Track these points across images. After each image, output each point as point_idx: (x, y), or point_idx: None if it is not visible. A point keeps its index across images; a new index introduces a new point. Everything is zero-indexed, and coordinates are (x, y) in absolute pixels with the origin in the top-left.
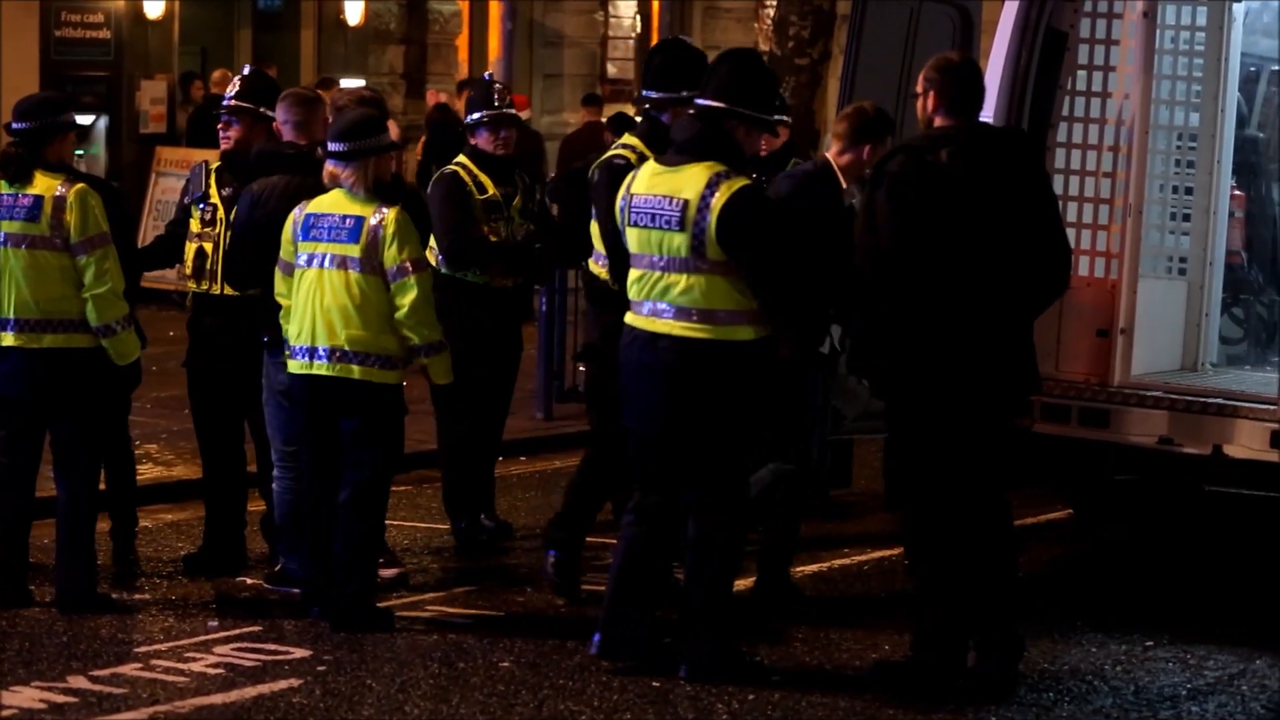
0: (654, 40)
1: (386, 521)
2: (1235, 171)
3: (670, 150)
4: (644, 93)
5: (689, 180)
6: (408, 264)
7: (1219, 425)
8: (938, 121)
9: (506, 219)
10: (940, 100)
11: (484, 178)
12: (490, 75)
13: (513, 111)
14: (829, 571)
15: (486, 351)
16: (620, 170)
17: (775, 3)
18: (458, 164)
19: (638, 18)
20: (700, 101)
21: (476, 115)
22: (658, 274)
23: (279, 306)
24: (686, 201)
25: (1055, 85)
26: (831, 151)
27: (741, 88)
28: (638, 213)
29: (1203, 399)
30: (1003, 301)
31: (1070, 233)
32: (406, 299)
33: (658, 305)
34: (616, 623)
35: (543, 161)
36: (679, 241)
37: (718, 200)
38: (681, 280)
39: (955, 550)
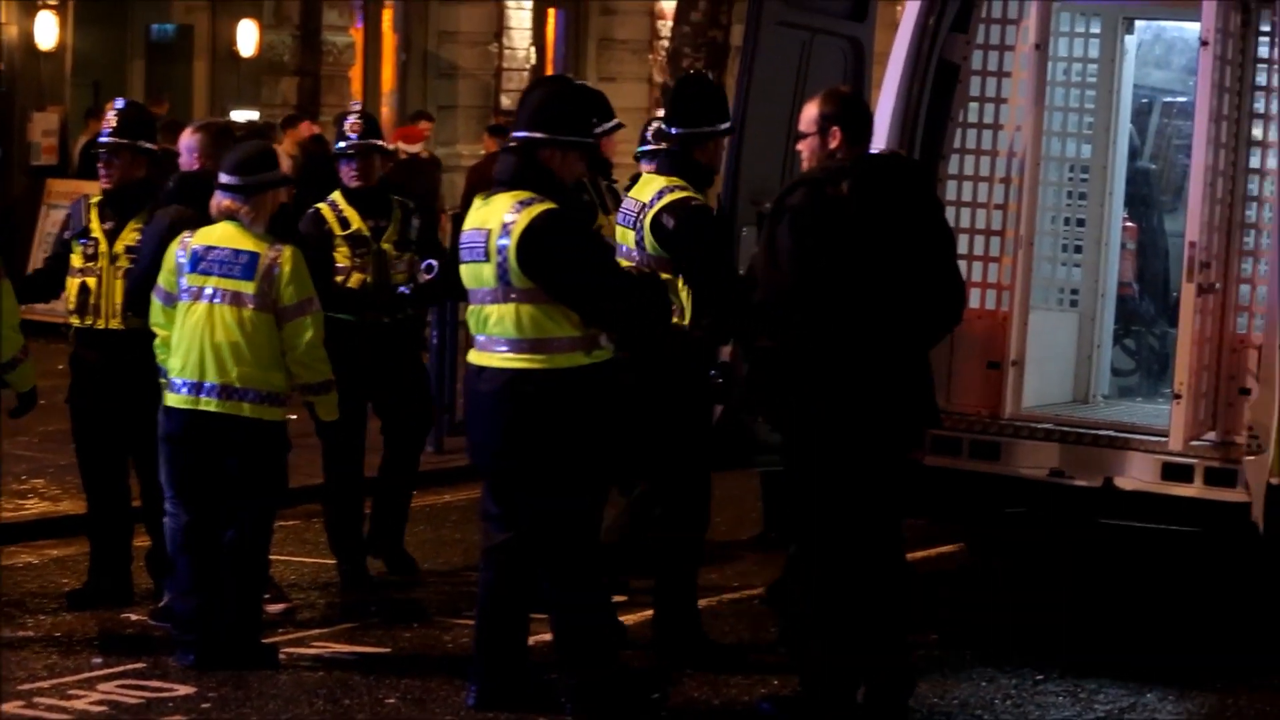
0: (548, 72)
1: (272, 557)
2: (1127, 203)
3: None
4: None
5: (494, 210)
6: (304, 303)
7: (1110, 457)
8: (840, 154)
9: (374, 253)
10: (845, 133)
11: (350, 212)
12: (358, 105)
13: (371, 142)
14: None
15: (368, 389)
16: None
17: (670, 35)
18: (329, 200)
19: (532, 49)
20: (515, 133)
21: (337, 148)
22: (478, 307)
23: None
24: (489, 231)
25: (947, 117)
26: None
27: (552, 113)
28: (462, 249)
29: (1094, 431)
30: (900, 334)
31: (962, 265)
32: (302, 339)
33: (481, 338)
34: (489, 674)
35: (437, 191)
36: (488, 272)
37: (517, 226)
38: (495, 311)
39: (847, 584)
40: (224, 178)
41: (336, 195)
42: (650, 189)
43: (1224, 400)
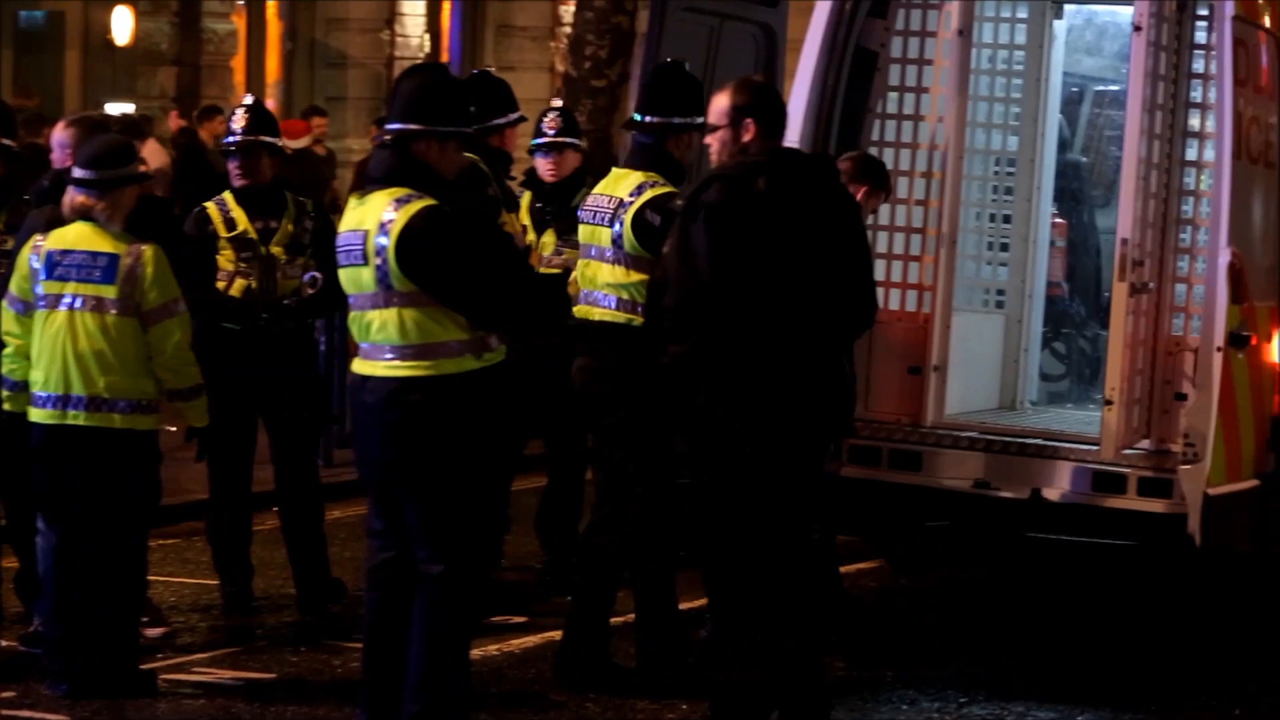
0: (444, 60)
1: (150, 577)
2: (1056, 198)
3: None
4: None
5: (371, 210)
6: (169, 305)
7: (1039, 467)
8: (753, 149)
9: (262, 257)
10: (759, 126)
11: (237, 212)
12: (250, 99)
13: (257, 139)
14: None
15: (257, 401)
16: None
17: (572, 21)
18: (219, 198)
19: (426, 37)
20: (389, 125)
21: (223, 143)
22: (360, 313)
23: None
24: (367, 232)
25: (865, 108)
26: None
27: (427, 103)
28: (339, 252)
29: (1021, 439)
30: (817, 337)
31: (880, 264)
32: (169, 342)
33: (365, 346)
34: (377, 704)
35: (329, 187)
36: (367, 276)
37: (395, 226)
38: (377, 317)
39: (761, 602)
40: (78, 172)
41: (227, 194)
42: (626, 184)
43: (1158, 406)
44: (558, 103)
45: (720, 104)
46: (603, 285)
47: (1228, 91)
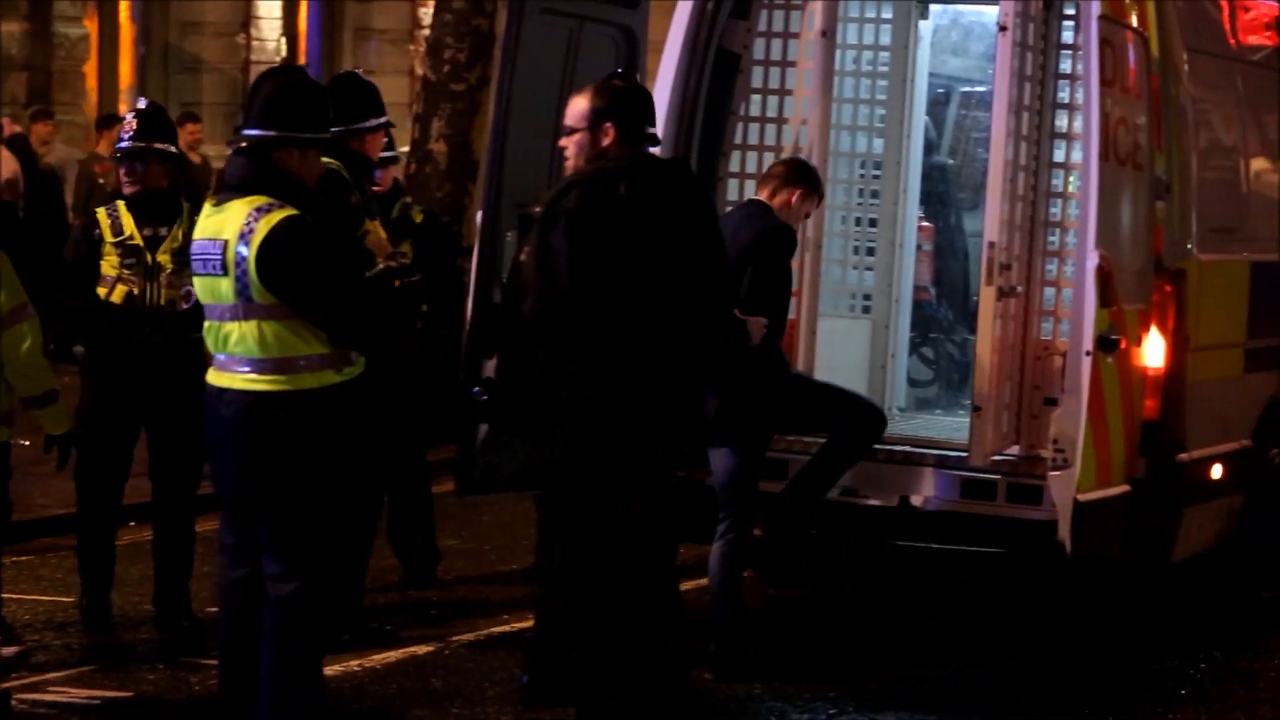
0: (302, 64)
1: (4, 595)
2: (923, 201)
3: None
4: None
5: (230, 218)
6: (18, 309)
7: (907, 475)
8: (612, 153)
9: (147, 265)
10: (618, 130)
11: (126, 218)
12: (143, 103)
13: (145, 145)
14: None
15: (136, 413)
16: None
17: (431, 24)
18: (111, 204)
19: (283, 40)
20: (246, 131)
21: (115, 149)
22: (216, 324)
23: None
24: (226, 242)
25: (727, 111)
26: (764, 194)
27: (287, 109)
28: (193, 260)
29: (889, 447)
30: (676, 344)
31: None
32: (21, 348)
33: (221, 357)
34: (237, 717)
35: (204, 195)
36: (225, 286)
37: (256, 235)
38: (235, 329)
39: (616, 617)
40: None
41: (120, 200)
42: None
43: (1028, 412)
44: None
45: (578, 107)
46: None
47: (1094, 92)
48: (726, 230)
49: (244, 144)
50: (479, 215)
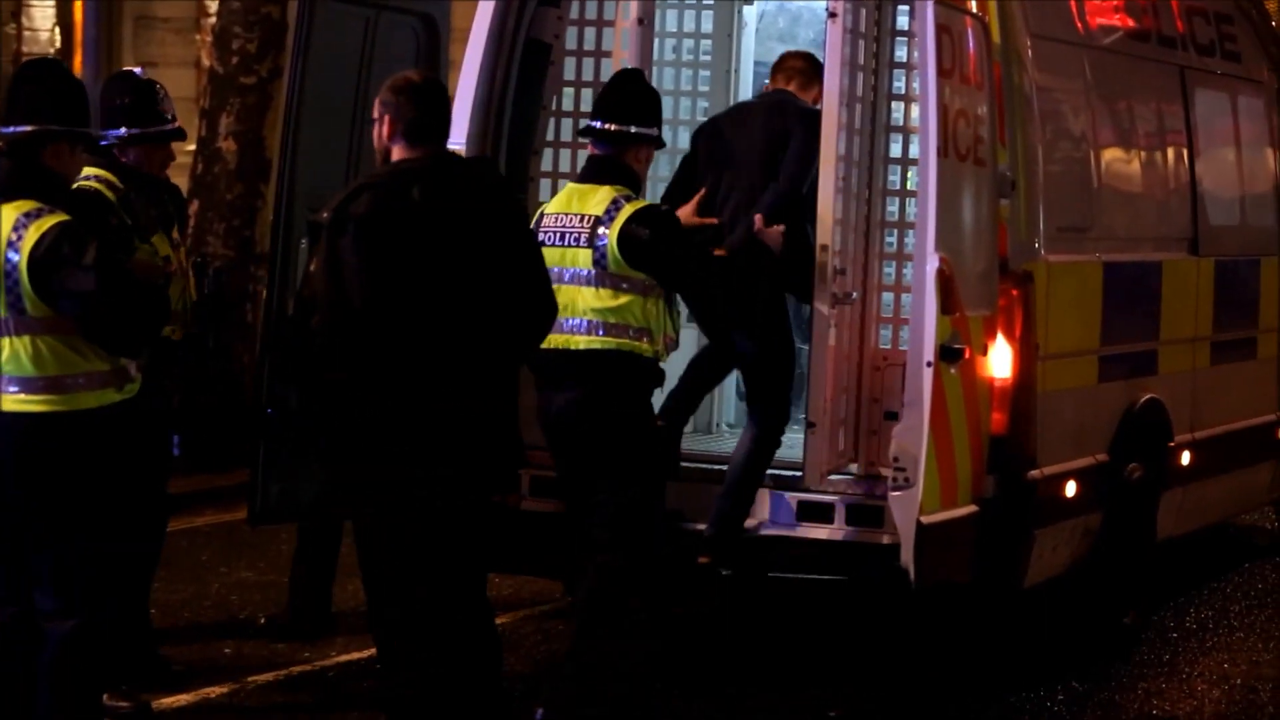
0: (78, 57)
1: None
2: None
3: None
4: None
5: (4, 221)
6: None
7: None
8: (398, 153)
9: None
10: (397, 126)
11: None
12: None
13: None
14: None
15: None
16: None
17: (217, 12)
18: None
19: (57, 30)
20: (5, 129)
21: None
22: None
23: None
24: None
25: (539, 105)
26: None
27: (51, 102)
28: None
29: (718, 466)
30: (482, 360)
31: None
32: None
33: None
34: None
35: None
36: None
37: (26, 243)
38: (6, 345)
39: (430, 651)
40: None
41: None
42: (594, 200)
43: (866, 427)
44: None
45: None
46: (584, 311)
47: (931, 83)
48: (755, 120)
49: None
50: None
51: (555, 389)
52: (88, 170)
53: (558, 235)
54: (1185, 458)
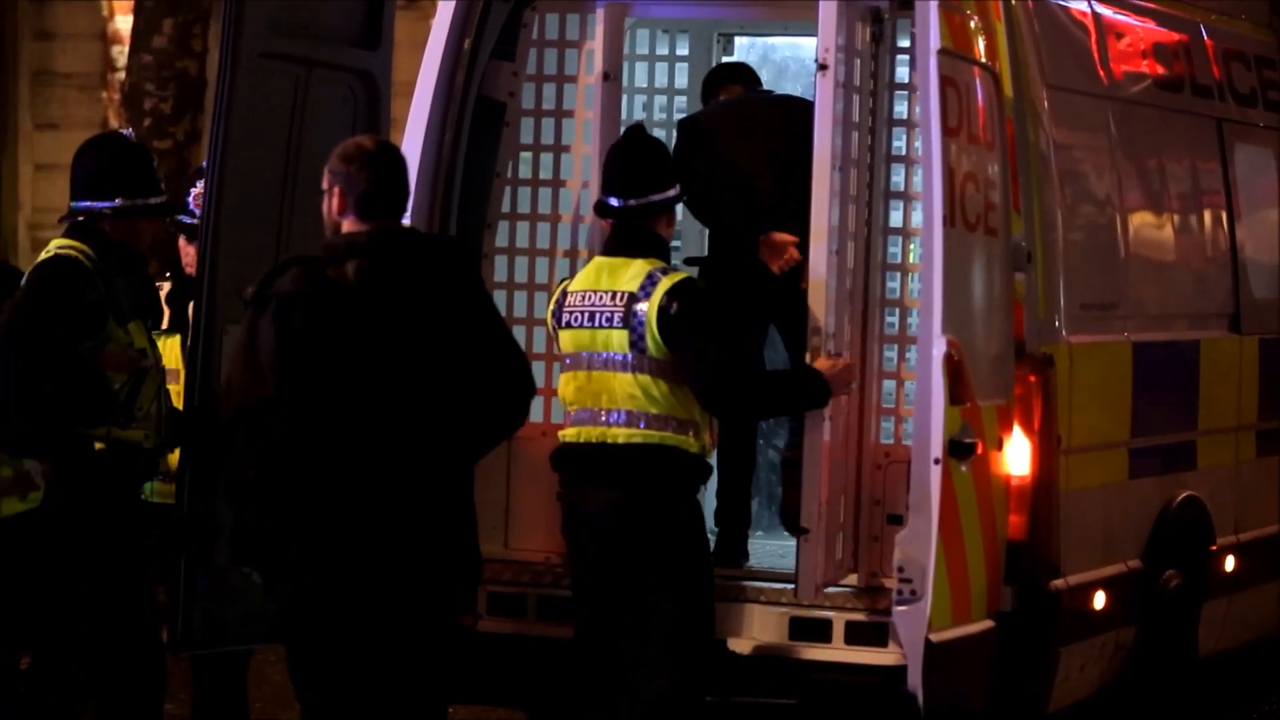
0: None
1: None
2: None
3: None
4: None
5: None
6: None
7: (722, 612)
8: (348, 226)
9: None
10: (348, 199)
11: None
12: None
13: None
14: None
15: None
16: None
17: (126, 67)
18: None
19: None
20: None
21: None
22: None
23: None
24: None
25: (492, 172)
26: None
27: None
28: None
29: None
30: (432, 460)
31: None
32: None
33: None
34: None
35: None
36: None
37: None
38: None
39: None
40: None
41: None
42: (627, 275)
43: (867, 533)
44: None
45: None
46: (622, 400)
47: (936, 142)
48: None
49: None
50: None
51: (589, 489)
52: (61, 241)
53: (586, 315)
54: (1229, 563)
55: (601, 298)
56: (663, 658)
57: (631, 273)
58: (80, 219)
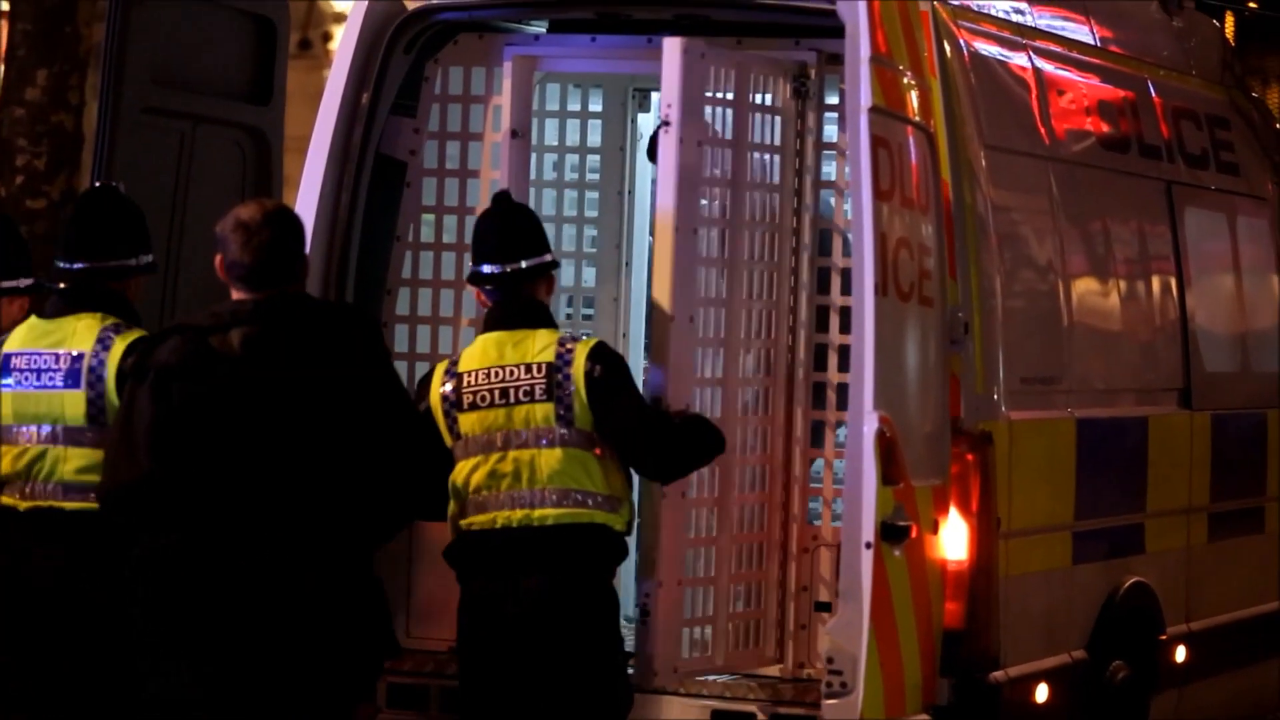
0: None
1: None
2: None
3: None
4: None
5: None
6: None
7: (638, 705)
8: (234, 294)
9: None
10: (232, 270)
11: None
12: None
13: None
14: None
15: None
16: None
17: None
18: None
19: None
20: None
21: None
22: None
23: None
24: None
25: (392, 236)
26: None
27: None
28: None
29: None
30: (322, 545)
31: None
32: None
33: None
34: None
35: None
36: None
37: None
38: None
39: None
40: None
41: None
42: (535, 347)
43: (794, 621)
44: None
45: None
46: (548, 478)
47: (867, 206)
48: None
49: None
50: None
51: (512, 577)
52: None
53: (497, 393)
54: (1180, 654)
55: (513, 372)
56: None
57: (540, 344)
58: None
